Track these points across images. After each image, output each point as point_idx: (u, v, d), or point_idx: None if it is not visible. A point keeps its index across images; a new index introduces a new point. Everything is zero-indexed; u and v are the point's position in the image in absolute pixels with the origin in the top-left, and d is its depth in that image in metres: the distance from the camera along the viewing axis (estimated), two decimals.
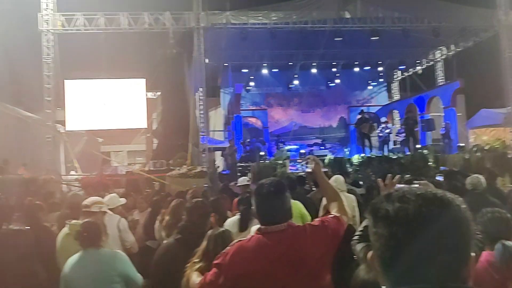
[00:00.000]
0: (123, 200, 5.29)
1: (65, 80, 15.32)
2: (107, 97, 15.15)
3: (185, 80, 15.03)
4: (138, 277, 3.21)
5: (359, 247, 2.22)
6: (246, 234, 2.61)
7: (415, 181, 2.29)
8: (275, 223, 2.13)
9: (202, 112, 15.37)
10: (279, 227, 2.13)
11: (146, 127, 15.84)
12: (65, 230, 3.91)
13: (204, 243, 2.70)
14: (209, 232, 2.79)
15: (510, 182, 9.81)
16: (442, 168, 11.25)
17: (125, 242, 4.62)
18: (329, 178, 4.68)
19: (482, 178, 4.97)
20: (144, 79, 15.56)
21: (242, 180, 7.31)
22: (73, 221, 3.82)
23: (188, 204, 3.27)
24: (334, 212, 2.37)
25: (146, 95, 16.36)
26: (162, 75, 15.44)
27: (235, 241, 2.24)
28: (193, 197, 4.63)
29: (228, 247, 2.18)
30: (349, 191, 5.78)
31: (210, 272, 2.16)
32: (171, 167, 13.47)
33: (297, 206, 5.00)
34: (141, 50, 16.30)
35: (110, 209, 4.47)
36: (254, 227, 2.35)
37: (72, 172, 14.59)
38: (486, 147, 14.08)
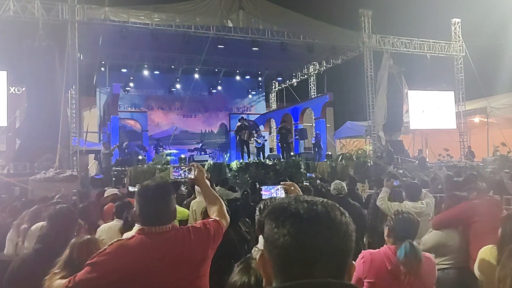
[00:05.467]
0: None
1: None
2: None
3: (55, 76, 13.82)
4: None
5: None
6: None
7: (282, 182, 2.43)
8: (159, 224, 2.13)
9: (74, 111, 14.31)
10: (163, 228, 2.13)
11: (6, 125, 14.14)
12: None
13: (67, 252, 2.50)
14: (73, 240, 2.59)
15: (368, 188, 10.95)
16: (308, 175, 12.12)
17: None
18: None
19: (344, 184, 5.46)
20: (6, 72, 13.91)
21: (110, 191, 7.05)
22: None
23: (50, 211, 2.97)
24: (214, 216, 2.45)
25: (8, 89, 14.65)
26: (28, 68, 13.99)
27: (114, 240, 2.16)
28: (59, 203, 4.26)
29: (105, 247, 2.09)
30: None
31: (81, 272, 2.03)
32: (36, 170, 12.28)
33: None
34: (4, 40, 14.55)
35: None
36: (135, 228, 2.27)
37: None
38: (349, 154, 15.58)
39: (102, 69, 20.39)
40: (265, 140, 17.41)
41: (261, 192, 2.39)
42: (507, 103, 18.55)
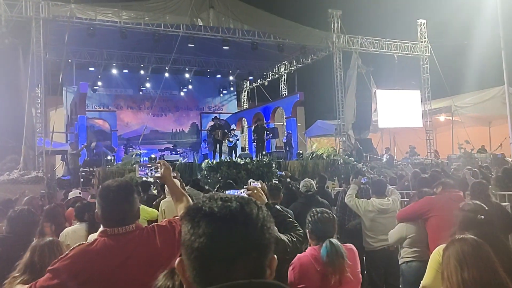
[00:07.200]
0: None
1: None
2: None
3: (20, 75, 13.40)
4: None
5: None
6: None
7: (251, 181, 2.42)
8: (122, 225, 2.08)
9: (39, 111, 13.88)
10: (126, 228, 2.08)
11: None
12: None
13: (27, 255, 2.42)
14: (34, 242, 2.51)
15: (338, 185, 11.11)
16: (278, 173, 12.26)
17: None
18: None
19: (313, 181, 5.51)
20: None
21: (74, 193, 6.95)
22: None
23: (10, 213, 2.87)
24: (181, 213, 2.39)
25: None
26: None
27: (76, 245, 2.09)
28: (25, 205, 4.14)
29: (67, 251, 2.02)
30: None
31: (42, 278, 1.95)
32: None
33: (144, 210, 5.01)
34: None
35: None
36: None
37: None
38: (319, 152, 15.79)
39: (69, 67, 19.89)
40: (237, 139, 17.41)
41: None
42: (471, 102, 19.19)
